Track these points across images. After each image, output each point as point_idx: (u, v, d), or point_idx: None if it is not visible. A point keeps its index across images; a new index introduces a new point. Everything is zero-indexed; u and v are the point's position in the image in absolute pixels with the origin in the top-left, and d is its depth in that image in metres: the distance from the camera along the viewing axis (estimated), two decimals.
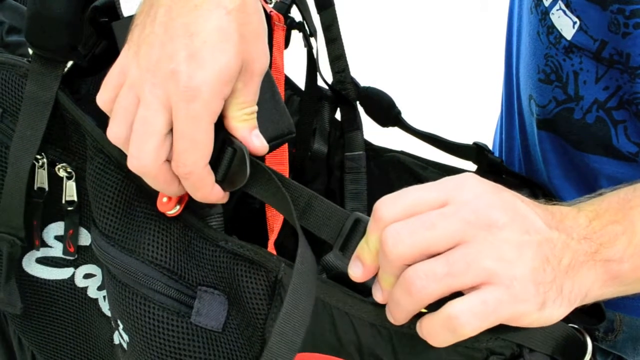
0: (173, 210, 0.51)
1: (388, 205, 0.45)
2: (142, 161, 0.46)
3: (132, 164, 0.47)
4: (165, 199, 0.50)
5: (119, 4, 0.50)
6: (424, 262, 0.43)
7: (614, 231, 0.47)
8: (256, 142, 0.48)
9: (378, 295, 0.46)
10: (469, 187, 0.45)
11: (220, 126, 0.47)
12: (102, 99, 0.48)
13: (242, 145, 0.47)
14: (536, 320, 0.44)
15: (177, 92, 0.44)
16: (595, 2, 0.57)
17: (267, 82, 0.52)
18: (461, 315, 0.42)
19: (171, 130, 0.46)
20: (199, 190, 0.47)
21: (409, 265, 0.44)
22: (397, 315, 0.46)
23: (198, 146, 0.45)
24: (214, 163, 0.47)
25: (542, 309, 0.44)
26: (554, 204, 0.48)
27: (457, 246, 0.43)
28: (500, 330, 0.45)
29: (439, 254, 0.43)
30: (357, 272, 0.46)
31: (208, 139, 0.46)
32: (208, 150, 0.46)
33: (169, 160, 0.47)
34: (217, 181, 0.48)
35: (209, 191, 0.48)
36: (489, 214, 0.43)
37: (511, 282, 0.42)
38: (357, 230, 0.47)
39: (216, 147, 0.47)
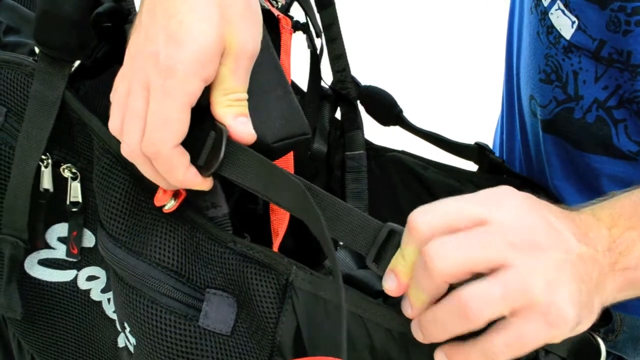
0: (168, 205, 0.50)
1: (425, 217, 0.43)
2: (131, 146, 0.46)
3: (124, 151, 0.47)
4: (160, 193, 0.50)
5: (133, 6, 0.50)
6: (478, 284, 0.42)
7: (630, 238, 0.47)
8: (240, 128, 0.47)
9: (408, 311, 0.45)
10: (509, 206, 0.44)
11: (208, 113, 0.47)
12: (111, 97, 0.48)
13: (223, 127, 0.46)
14: (565, 336, 0.44)
15: (154, 71, 0.44)
16: (594, 2, 0.58)
17: (280, 80, 0.52)
18: (497, 350, 0.42)
19: None
20: (169, 173, 0.47)
21: (451, 285, 0.43)
22: (437, 335, 0.44)
23: (168, 124, 0.45)
24: (199, 148, 0.47)
25: (575, 328, 0.44)
26: (572, 210, 0.47)
27: (503, 269, 0.42)
28: None
29: (480, 274, 0.42)
30: (391, 285, 0.45)
31: (180, 118, 0.45)
32: (178, 129, 0.45)
33: None
34: (198, 165, 0.47)
35: (182, 174, 0.47)
36: (533, 237, 0.43)
37: (549, 309, 0.42)
38: (391, 242, 0.45)
39: (203, 133, 0.47)
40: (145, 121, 0.45)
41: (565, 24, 0.62)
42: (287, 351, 0.49)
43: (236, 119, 0.47)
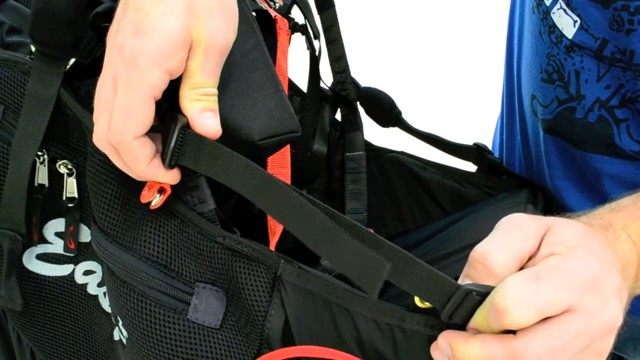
0: (154, 202, 0.50)
1: (522, 311, 0.42)
2: (99, 135, 0.47)
3: (94, 140, 0.48)
4: (146, 190, 0.50)
5: None
6: None
7: None
8: (205, 122, 0.47)
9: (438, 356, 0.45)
10: (599, 291, 0.43)
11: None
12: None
13: (180, 118, 0.47)
14: None
15: (120, 62, 0.45)
16: (596, 1, 0.57)
17: (270, 78, 0.52)
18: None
19: None
20: (132, 164, 0.47)
21: None
22: None
23: (129, 115, 0.45)
24: (165, 141, 0.48)
25: None
26: (614, 237, 0.48)
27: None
28: None
29: None
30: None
31: (141, 110, 0.45)
32: (140, 121, 0.46)
33: None
34: (164, 158, 0.48)
35: (144, 165, 0.47)
36: (612, 324, 0.43)
37: None
38: (467, 302, 0.44)
39: (169, 127, 0.47)
40: (110, 111, 0.46)
41: (567, 24, 0.61)
42: (275, 344, 0.50)
43: (202, 114, 0.47)
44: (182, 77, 0.47)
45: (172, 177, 0.49)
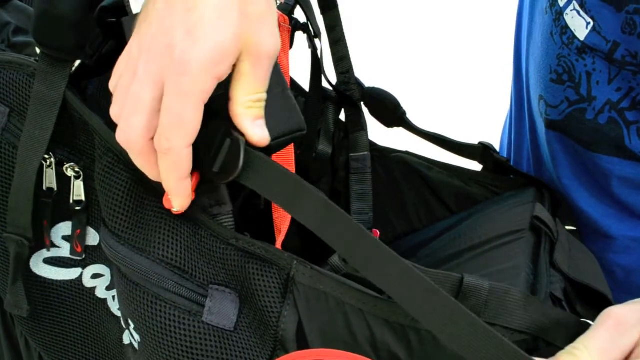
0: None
1: None
2: (128, 135, 0.46)
3: (119, 137, 0.47)
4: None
5: (128, 3, 0.50)
6: None
7: None
8: (258, 132, 0.47)
9: None
10: None
11: (223, 116, 0.47)
12: (111, 85, 0.48)
13: (239, 136, 0.46)
14: None
15: (169, 65, 0.44)
16: (610, 3, 0.57)
17: (277, 77, 0.52)
18: None
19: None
20: (173, 171, 0.47)
21: None
22: None
23: (183, 122, 0.45)
24: (214, 154, 0.47)
25: None
26: None
27: None
28: (517, 323, 0.45)
29: None
30: None
31: (194, 117, 0.45)
32: (193, 128, 0.45)
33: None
34: (214, 172, 0.47)
35: (183, 176, 0.47)
36: None
37: None
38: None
39: (217, 138, 0.47)
40: (148, 112, 0.45)
41: (579, 25, 0.61)
42: (290, 345, 0.49)
43: (254, 122, 0.47)
44: (233, 80, 0.46)
45: (190, 199, 0.49)
